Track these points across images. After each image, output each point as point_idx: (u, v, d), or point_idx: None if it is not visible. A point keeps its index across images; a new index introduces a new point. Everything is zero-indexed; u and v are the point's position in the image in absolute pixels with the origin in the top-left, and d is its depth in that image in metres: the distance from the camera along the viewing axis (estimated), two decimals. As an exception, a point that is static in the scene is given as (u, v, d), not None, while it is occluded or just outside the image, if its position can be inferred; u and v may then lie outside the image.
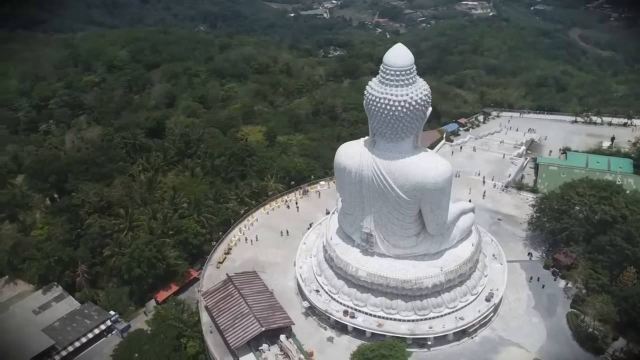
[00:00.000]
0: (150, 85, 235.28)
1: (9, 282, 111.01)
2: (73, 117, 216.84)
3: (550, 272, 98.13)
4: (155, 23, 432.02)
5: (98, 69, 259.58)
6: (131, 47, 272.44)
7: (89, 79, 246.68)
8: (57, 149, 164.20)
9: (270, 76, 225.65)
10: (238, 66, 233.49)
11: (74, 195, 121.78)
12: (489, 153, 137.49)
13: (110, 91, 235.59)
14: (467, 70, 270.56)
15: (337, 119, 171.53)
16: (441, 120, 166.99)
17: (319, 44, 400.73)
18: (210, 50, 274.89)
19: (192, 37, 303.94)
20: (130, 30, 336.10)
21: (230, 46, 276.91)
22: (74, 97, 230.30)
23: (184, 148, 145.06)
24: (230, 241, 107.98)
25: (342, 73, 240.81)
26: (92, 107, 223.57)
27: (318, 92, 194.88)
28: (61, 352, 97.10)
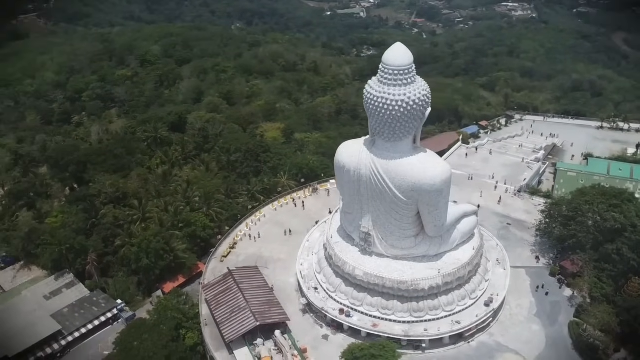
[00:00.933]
0: (180, 80, 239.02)
1: (23, 267, 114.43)
2: (105, 110, 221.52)
3: (556, 279, 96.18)
4: (193, 19, 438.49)
5: (131, 63, 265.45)
6: (164, 43, 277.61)
7: (121, 73, 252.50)
8: (83, 141, 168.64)
9: (296, 74, 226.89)
10: (265, 63, 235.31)
11: (91, 186, 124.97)
12: (506, 156, 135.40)
13: (141, 85, 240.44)
14: (500, 73, 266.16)
15: (358, 118, 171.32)
16: (462, 122, 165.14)
17: (352, 43, 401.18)
18: (240, 47, 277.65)
19: (225, 34, 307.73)
20: (164, 25, 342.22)
21: (261, 43, 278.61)
22: (106, 90, 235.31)
23: (202, 143, 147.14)
24: (236, 236, 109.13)
25: (369, 72, 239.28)
26: (123, 101, 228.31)
27: (342, 91, 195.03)
28: (67, 338, 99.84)
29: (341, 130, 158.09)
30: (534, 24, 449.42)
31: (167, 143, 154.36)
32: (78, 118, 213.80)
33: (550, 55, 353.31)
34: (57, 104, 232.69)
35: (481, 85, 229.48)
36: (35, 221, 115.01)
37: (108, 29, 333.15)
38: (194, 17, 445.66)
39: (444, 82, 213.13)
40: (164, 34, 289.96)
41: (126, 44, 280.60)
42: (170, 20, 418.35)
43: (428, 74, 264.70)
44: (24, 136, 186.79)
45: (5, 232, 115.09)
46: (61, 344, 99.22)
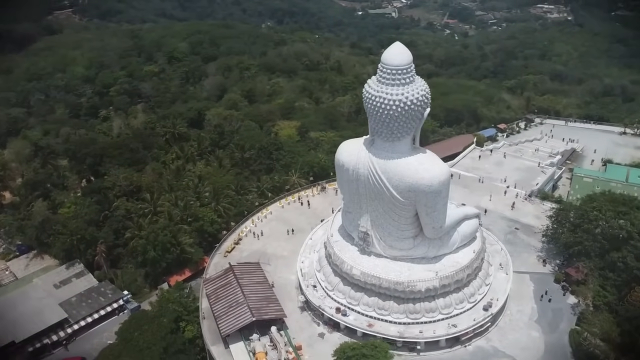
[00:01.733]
0: (205, 77, 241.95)
1: (36, 256, 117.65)
2: (131, 105, 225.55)
3: (560, 286, 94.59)
4: (224, 17, 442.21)
5: (159, 60, 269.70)
6: (192, 40, 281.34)
7: (149, 69, 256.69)
8: (105, 134, 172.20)
9: (319, 73, 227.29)
10: (289, 62, 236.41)
11: (106, 178, 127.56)
12: (520, 160, 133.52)
13: (168, 81, 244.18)
14: (529, 76, 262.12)
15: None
16: (481, 125, 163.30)
17: (381, 43, 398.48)
18: (267, 45, 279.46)
19: (252, 32, 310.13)
20: (193, 23, 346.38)
21: (286, 42, 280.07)
22: (133, 85, 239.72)
23: (218, 139, 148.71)
24: (241, 232, 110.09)
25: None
26: (149, 96, 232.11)
27: (358, 91, 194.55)
28: (73, 326, 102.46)
29: (358, 130, 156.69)
30: (568, 26, 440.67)
31: (184, 139, 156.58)
32: (105, 112, 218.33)
33: (583, 59, 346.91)
34: (85, 98, 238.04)
35: (509, 88, 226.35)
36: (49, 211, 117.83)
37: (138, 25, 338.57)
38: (225, 15, 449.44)
39: (466, 84, 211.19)
40: (192, 31, 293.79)
41: (155, 40, 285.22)
42: (201, 17, 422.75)
43: (454, 76, 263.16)
44: (50, 128, 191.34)
45: (20, 221, 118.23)
46: (67, 331, 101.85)
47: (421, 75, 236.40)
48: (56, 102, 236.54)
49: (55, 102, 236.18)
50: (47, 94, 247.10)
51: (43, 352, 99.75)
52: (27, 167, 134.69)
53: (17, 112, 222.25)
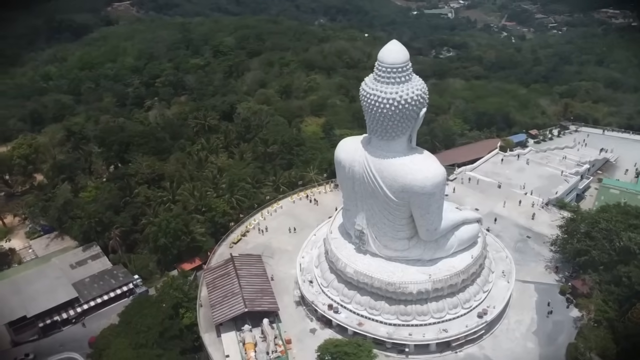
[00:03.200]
0: (248, 72, 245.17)
1: (57, 236, 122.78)
2: (174, 96, 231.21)
3: (565, 298, 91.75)
4: (278, 13, 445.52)
5: (205, 53, 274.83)
6: (238, 34, 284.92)
7: (195, 62, 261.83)
8: (142, 123, 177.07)
9: (358, 71, 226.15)
10: (328, 59, 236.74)
11: (130, 165, 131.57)
12: (543, 168, 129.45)
13: (211, 74, 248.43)
14: (581, 82, 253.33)
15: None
16: (512, 129, 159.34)
17: (432, 43, 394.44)
18: (311, 42, 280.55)
19: (299, 29, 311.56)
20: (240, 17, 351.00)
21: (330, 39, 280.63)
22: (178, 77, 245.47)
23: (244, 132, 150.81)
24: (249, 224, 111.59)
25: (431, 73, 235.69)
26: (192, 89, 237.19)
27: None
28: (83, 305, 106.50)
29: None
30: (631, 32, 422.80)
31: (214, 131, 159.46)
32: (150, 102, 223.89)
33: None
34: (132, 87, 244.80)
35: (559, 94, 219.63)
36: (72, 194, 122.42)
37: (189, 18, 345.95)
38: (279, 11, 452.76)
39: (506, 88, 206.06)
40: (239, 26, 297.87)
41: (203, 34, 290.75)
42: (255, 13, 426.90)
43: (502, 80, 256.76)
44: (93, 116, 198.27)
45: (44, 202, 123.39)
46: (77, 310, 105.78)
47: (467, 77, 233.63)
48: (105, 90, 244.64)
49: (104, 91, 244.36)
50: (97, 83, 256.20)
51: (53, 329, 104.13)
52: (58, 151, 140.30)
53: (67, 99, 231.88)
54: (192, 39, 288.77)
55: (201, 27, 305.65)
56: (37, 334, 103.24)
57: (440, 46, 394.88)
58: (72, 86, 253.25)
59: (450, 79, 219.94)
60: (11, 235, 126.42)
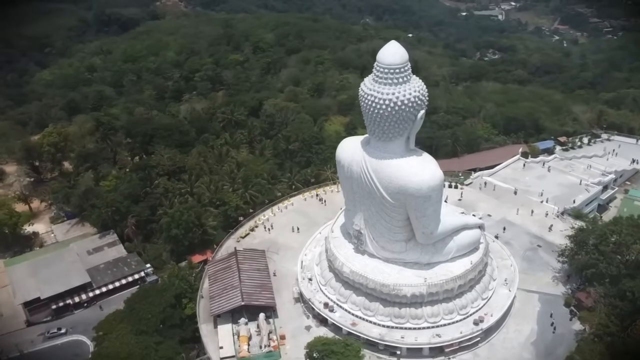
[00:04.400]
0: (284, 69, 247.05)
1: (78, 223, 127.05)
2: (212, 91, 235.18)
3: (569, 310, 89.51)
4: (323, 12, 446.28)
5: (245, 49, 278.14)
6: (279, 31, 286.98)
7: (234, 58, 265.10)
8: (173, 116, 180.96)
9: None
10: (363, 58, 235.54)
11: (152, 157, 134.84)
12: (565, 176, 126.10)
13: (249, 70, 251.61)
14: (629, 89, 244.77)
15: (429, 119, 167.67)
16: (541, 135, 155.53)
17: (477, 45, 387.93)
18: (350, 40, 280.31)
19: (339, 27, 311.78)
20: (282, 15, 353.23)
21: (368, 38, 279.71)
22: (216, 72, 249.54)
23: (268, 129, 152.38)
24: (258, 219, 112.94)
25: (467, 76, 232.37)
26: (230, 84, 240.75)
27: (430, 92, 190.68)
28: (95, 290, 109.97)
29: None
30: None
31: (241, 126, 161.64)
32: (188, 96, 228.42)
33: None
34: (172, 81, 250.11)
35: (605, 101, 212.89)
36: (93, 183, 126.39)
37: (233, 14, 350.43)
38: (325, 10, 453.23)
39: (541, 93, 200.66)
40: (280, 23, 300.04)
41: (244, 30, 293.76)
42: (301, 11, 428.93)
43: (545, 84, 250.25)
44: (130, 107, 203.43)
45: (67, 189, 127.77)
46: (89, 295, 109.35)
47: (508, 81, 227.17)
48: (146, 83, 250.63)
49: (145, 84, 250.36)
50: (139, 76, 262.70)
51: (65, 311, 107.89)
52: (87, 140, 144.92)
53: (109, 90, 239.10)
54: (233, 35, 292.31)
55: (243, 24, 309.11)
56: (50, 316, 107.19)
57: (486, 48, 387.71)
58: (115, 78, 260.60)
59: (484, 82, 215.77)
60: (37, 219, 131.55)
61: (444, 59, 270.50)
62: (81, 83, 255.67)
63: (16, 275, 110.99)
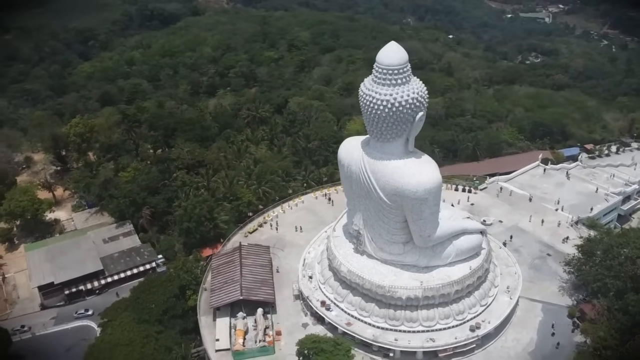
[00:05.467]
0: (317, 67, 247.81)
1: (97, 212, 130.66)
2: (245, 87, 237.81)
3: (572, 322, 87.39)
4: (365, 11, 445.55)
5: (280, 47, 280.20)
6: (314, 30, 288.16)
7: (268, 55, 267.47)
8: (202, 111, 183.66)
9: (423, 72, 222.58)
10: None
11: (172, 150, 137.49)
12: (584, 184, 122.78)
13: (283, 68, 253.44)
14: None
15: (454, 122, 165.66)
16: (568, 142, 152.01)
17: (519, 48, 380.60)
18: (385, 40, 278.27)
19: (375, 27, 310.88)
20: (319, 13, 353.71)
21: (405, 39, 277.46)
22: (251, 69, 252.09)
23: (289, 126, 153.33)
24: (267, 215, 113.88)
25: (500, 80, 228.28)
26: (263, 81, 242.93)
27: (462, 94, 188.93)
28: (107, 278, 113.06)
29: (430, 133, 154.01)
30: None
31: (265, 123, 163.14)
32: (222, 92, 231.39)
33: None
34: (206, 77, 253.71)
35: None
36: (113, 173, 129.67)
37: (271, 12, 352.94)
38: (366, 9, 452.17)
39: (575, 99, 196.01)
40: (317, 22, 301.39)
41: (281, 28, 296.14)
42: (342, 9, 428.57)
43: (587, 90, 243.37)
44: (162, 101, 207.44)
45: (88, 179, 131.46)
46: (101, 282, 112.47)
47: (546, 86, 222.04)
48: (182, 78, 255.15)
49: (181, 78, 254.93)
50: (175, 70, 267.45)
51: (77, 297, 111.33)
52: (112, 132, 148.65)
53: (145, 84, 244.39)
54: (269, 32, 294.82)
55: (280, 21, 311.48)
56: (63, 301, 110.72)
57: (528, 51, 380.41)
58: (152, 72, 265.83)
59: (516, 85, 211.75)
60: (59, 207, 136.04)
61: (480, 62, 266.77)
62: (120, 76, 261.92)
63: (33, 259, 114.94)
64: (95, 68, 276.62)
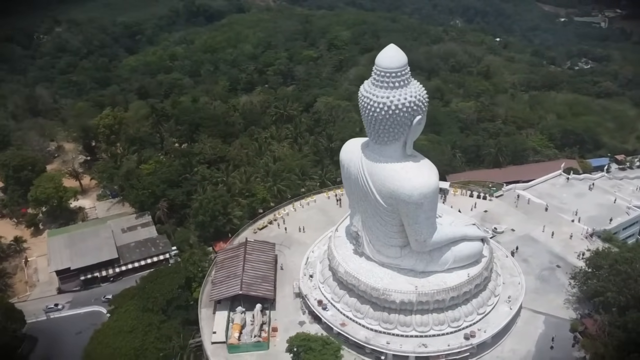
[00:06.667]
0: (355, 67, 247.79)
1: (119, 202, 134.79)
2: (283, 85, 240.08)
3: (573, 336, 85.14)
4: (412, 12, 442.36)
5: (320, 46, 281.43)
6: (355, 30, 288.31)
7: (308, 53, 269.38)
8: (234, 108, 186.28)
9: (460, 76, 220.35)
10: (431, 61, 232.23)
11: (195, 145, 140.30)
12: (606, 196, 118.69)
13: (321, 67, 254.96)
14: None
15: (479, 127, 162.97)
16: (599, 152, 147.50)
17: (569, 53, 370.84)
18: (426, 42, 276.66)
19: (417, 28, 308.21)
20: (361, 13, 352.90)
21: (444, 40, 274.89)
22: (289, 67, 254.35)
23: (313, 125, 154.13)
24: (278, 213, 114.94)
25: (539, 85, 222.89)
26: (300, 79, 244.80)
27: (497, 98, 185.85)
28: (122, 267, 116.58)
29: (454, 137, 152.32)
30: None
31: (292, 121, 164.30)
32: (260, 89, 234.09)
33: None
34: (245, 74, 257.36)
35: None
36: (135, 165, 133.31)
37: (314, 10, 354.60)
38: (413, 10, 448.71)
39: (612, 107, 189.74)
40: (358, 21, 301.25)
41: (322, 27, 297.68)
42: (389, 10, 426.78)
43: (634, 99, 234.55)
44: (197, 96, 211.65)
45: (112, 170, 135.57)
46: (115, 270, 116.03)
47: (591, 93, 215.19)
48: (221, 74, 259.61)
49: (221, 75, 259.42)
50: (216, 66, 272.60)
51: (92, 283, 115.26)
52: (140, 125, 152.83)
53: (186, 79, 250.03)
54: (310, 31, 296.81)
55: (322, 20, 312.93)
56: (79, 286, 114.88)
57: (579, 57, 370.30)
58: (194, 67, 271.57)
59: (553, 92, 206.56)
60: (85, 195, 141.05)
61: (522, 66, 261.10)
62: (162, 70, 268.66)
63: (54, 245, 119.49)
64: (139, 62, 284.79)
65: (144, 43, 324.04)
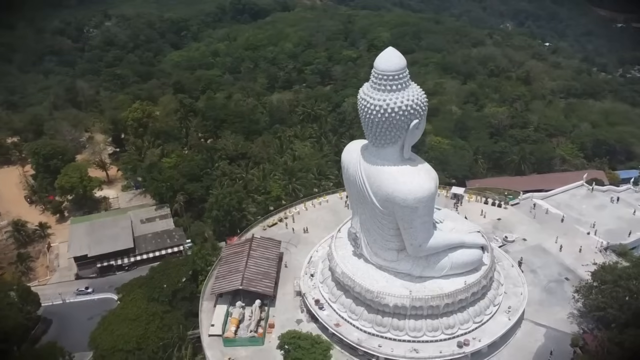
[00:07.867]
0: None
1: (141, 194, 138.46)
2: (320, 84, 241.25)
3: (573, 351, 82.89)
4: (460, 14, 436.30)
5: (360, 46, 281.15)
6: (396, 31, 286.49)
7: (347, 53, 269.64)
8: (262, 106, 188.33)
9: (496, 80, 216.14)
10: (469, 64, 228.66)
11: (218, 141, 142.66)
12: (628, 210, 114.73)
13: (360, 67, 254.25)
14: None
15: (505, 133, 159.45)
16: (630, 163, 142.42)
17: (622, 60, 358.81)
18: (467, 45, 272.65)
19: (460, 30, 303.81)
20: (403, 14, 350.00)
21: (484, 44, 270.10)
22: (327, 67, 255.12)
23: (337, 125, 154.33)
24: (289, 211, 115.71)
25: (580, 92, 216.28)
26: (337, 79, 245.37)
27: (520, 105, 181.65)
28: (137, 256, 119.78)
29: (475, 143, 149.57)
30: None
31: (318, 121, 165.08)
32: (298, 88, 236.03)
33: None
34: (284, 72, 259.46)
35: None
36: (158, 158, 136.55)
37: (357, 10, 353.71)
38: (462, 12, 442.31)
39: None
40: (399, 22, 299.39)
41: (363, 27, 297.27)
42: (437, 11, 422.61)
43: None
44: (231, 93, 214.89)
45: (136, 162, 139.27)
46: (130, 259, 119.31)
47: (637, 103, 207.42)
48: (261, 72, 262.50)
49: (260, 72, 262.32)
50: (256, 64, 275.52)
51: (108, 271, 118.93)
52: (168, 119, 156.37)
53: (227, 76, 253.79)
54: (352, 31, 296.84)
55: (364, 20, 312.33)
56: (96, 273, 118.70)
57: (632, 64, 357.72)
58: (234, 64, 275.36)
59: (591, 100, 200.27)
60: (111, 186, 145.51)
61: (566, 72, 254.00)
62: (203, 66, 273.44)
63: (74, 232, 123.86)
64: (182, 57, 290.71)
65: (189, 39, 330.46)
